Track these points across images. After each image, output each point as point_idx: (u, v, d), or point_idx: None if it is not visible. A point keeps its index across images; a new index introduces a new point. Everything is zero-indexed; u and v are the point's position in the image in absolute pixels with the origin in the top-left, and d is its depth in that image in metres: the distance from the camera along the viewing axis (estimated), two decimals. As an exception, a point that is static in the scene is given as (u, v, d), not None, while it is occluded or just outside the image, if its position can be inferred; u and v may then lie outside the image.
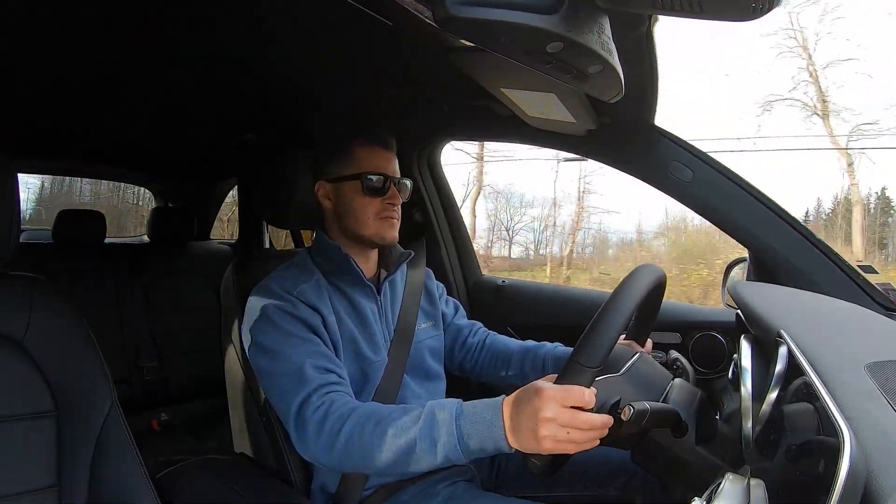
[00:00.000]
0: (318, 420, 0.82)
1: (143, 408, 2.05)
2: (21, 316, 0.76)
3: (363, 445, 0.78)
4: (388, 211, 1.02)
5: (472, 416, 0.74)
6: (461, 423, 0.74)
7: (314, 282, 0.99)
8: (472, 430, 0.73)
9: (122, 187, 8.10)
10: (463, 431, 0.73)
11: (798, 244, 1.10)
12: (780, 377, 0.66)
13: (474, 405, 0.75)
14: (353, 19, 0.82)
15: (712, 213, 1.15)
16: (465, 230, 1.73)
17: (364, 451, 0.78)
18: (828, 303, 0.94)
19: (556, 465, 0.76)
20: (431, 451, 0.74)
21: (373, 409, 0.82)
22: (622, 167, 1.26)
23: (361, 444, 0.78)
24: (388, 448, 0.76)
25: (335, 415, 0.82)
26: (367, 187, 1.00)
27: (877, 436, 0.48)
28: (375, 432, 0.77)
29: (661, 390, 0.80)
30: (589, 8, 0.52)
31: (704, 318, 1.35)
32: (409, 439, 0.75)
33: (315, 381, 0.86)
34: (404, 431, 0.76)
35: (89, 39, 1.00)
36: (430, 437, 0.74)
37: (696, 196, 1.15)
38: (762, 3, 0.46)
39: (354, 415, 0.81)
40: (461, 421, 0.74)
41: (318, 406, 0.84)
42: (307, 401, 0.84)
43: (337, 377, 0.90)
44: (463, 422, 0.74)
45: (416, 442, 0.75)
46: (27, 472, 0.73)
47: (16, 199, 0.75)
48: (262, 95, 1.39)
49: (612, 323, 0.73)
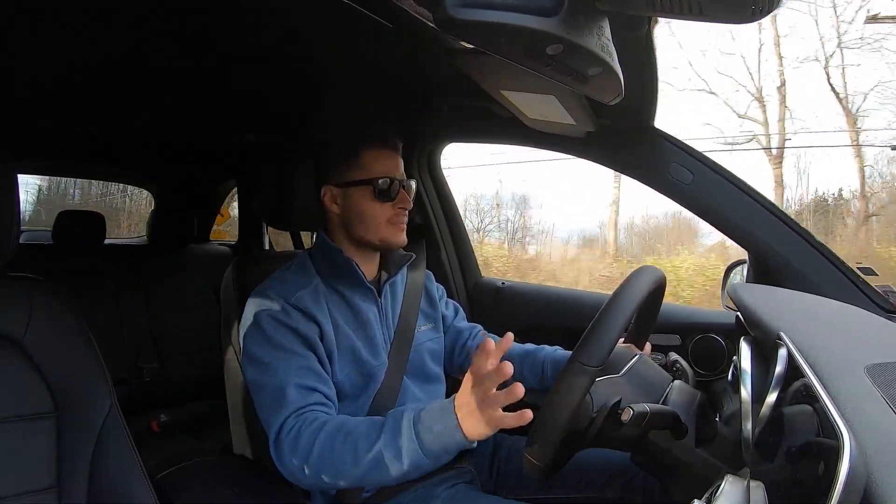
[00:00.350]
0: (292, 440, 0.83)
1: (142, 408, 2.05)
2: (21, 317, 0.76)
3: (334, 460, 0.79)
4: (399, 216, 1.02)
5: (428, 420, 0.76)
6: (419, 428, 0.76)
7: (313, 287, 0.99)
8: (431, 432, 0.75)
9: (109, 191, 8.19)
10: (422, 437, 0.75)
11: (798, 246, 1.10)
12: (780, 379, 0.66)
13: (430, 409, 0.78)
14: (354, 21, 0.82)
15: (712, 215, 1.15)
16: (464, 232, 1.73)
17: (336, 466, 0.79)
18: (827, 305, 0.94)
19: (556, 467, 0.76)
20: (398, 460, 0.76)
21: (341, 423, 0.83)
22: (622, 169, 1.26)
23: (332, 459, 0.80)
24: (359, 461, 0.78)
25: (307, 432, 0.83)
26: (378, 192, 0.99)
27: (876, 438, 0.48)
28: (345, 446, 0.79)
29: (660, 392, 0.80)
30: (589, 10, 0.53)
31: (704, 320, 1.35)
32: (377, 450, 0.77)
33: (295, 403, 0.87)
34: (370, 443, 0.78)
35: (89, 39, 1.00)
36: (394, 445, 0.76)
37: (696, 198, 1.15)
38: (761, 5, 0.46)
39: (324, 431, 0.82)
40: (419, 427, 0.76)
41: (291, 427, 0.85)
42: (284, 424, 0.85)
43: (321, 396, 0.90)
44: (421, 427, 0.76)
45: (383, 452, 0.77)
46: (27, 472, 0.73)
47: (16, 199, 0.75)
48: (262, 96, 1.39)
49: (613, 323, 0.73)
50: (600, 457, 1.05)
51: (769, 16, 0.49)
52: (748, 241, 1.13)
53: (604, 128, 1.18)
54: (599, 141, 1.23)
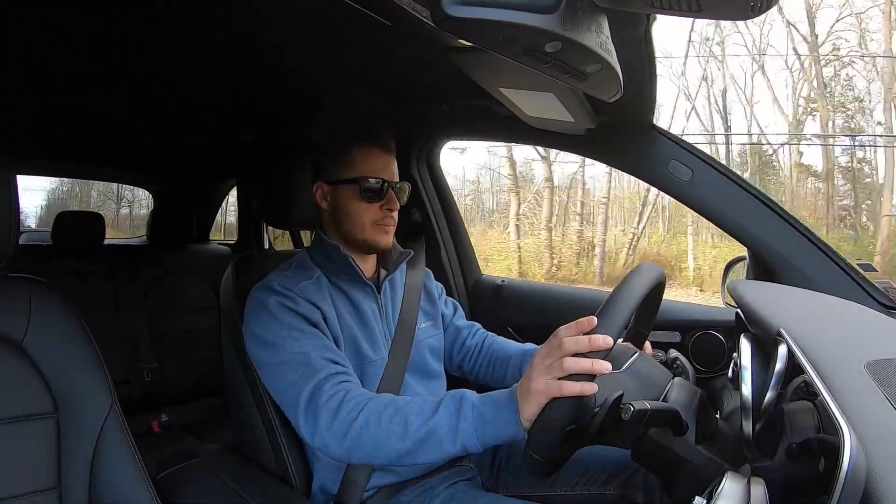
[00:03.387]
0: (333, 407, 0.82)
1: (142, 409, 2.05)
2: (20, 318, 0.76)
3: (379, 433, 0.78)
4: (386, 218, 1.02)
5: (491, 403, 0.76)
6: (483, 409, 0.75)
7: (315, 280, 0.99)
8: (492, 416, 0.74)
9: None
10: (485, 418, 0.75)
11: (797, 242, 1.10)
12: (780, 376, 0.66)
13: (490, 395, 0.77)
14: (352, 19, 0.82)
15: (712, 212, 1.15)
16: (464, 230, 1.73)
17: (378, 439, 0.78)
18: (827, 301, 0.94)
19: (557, 465, 0.76)
20: (450, 438, 0.75)
21: (390, 399, 0.83)
22: (621, 166, 1.26)
23: (377, 432, 0.79)
24: (406, 435, 0.77)
25: (352, 402, 0.82)
26: (365, 191, 0.99)
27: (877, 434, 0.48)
28: (395, 419, 0.78)
29: (661, 389, 0.80)
30: (587, 7, 0.52)
31: (704, 317, 1.35)
32: (430, 426, 0.76)
33: (325, 369, 0.86)
34: (425, 418, 0.77)
35: (89, 39, 1.00)
36: (450, 423, 0.76)
37: (696, 195, 1.15)
38: (760, 1, 0.46)
39: (372, 403, 0.81)
40: (483, 408, 0.75)
41: (332, 394, 0.84)
42: (319, 389, 0.84)
43: (341, 367, 0.90)
44: (485, 409, 0.75)
45: (436, 428, 0.76)
46: (27, 473, 0.73)
47: (15, 200, 0.75)
48: (261, 96, 1.39)
49: (613, 319, 0.73)
50: (601, 454, 1.05)
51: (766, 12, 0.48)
52: (748, 237, 1.13)
53: (603, 125, 1.18)
54: (599, 138, 1.23)
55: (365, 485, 0.98)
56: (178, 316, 2.21)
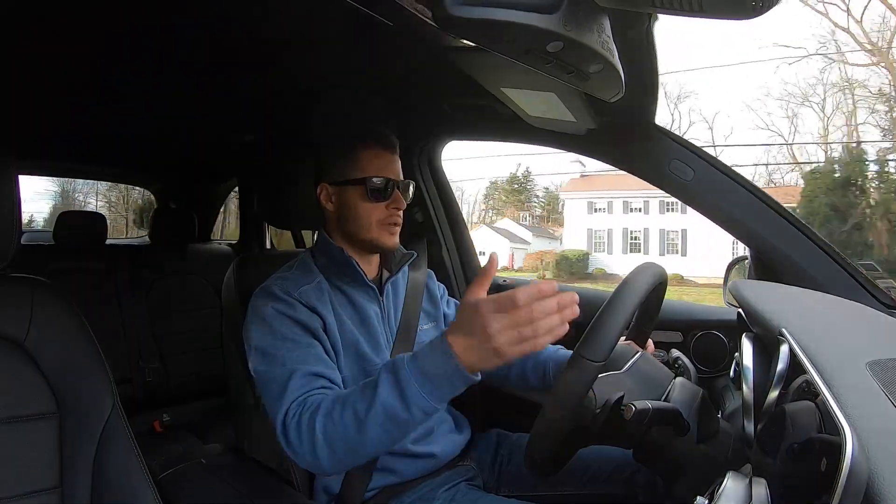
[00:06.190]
0: (295, 426, 0.81)
1: (144, 408, 2.06)
2: (22, 317, 0.76)
3: (338, 433, 0.76)
4: (392, 218, 1.01)
5: (423, 360, 0.72)
6: (418, 367, 0.72)
7: (316, 283, 0.99)
8: (431, 370, 0.71)
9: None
10: (424, 376, 0.71)
11: (799, 242, 1.10)
12: (782, 375, 0.66)
13: (421, 351, 0.74)
14: (353, 19, 0.82)
15: (713, 212, 1.15)
16: (466, 230, 1.72)
17: (343, 438, 0.76)
18: (829, 301, 0.94)
19: (559, 464, 0.76)
20: (402, 407, 0.72)
21: (335, 394, 0.82)
22: (623, 166, 1.26)
23: (336, 433, 0.77)
24: (362, 424, 0.74)
25: (307, 413, 0.81)
26: (371, 191, 0.99)
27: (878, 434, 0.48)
28: (345, 413, 0.76)
29: (662, 389, 0.80)
30: (589, 7, 0.52)
31: (706, 316, 1.35)
32: (377, 406, 0.73)
33: (298, 390, 0.85)
34: (369, 400, 0.74)
35: (89, 39, 1.00)
36: (394, 393, 0.73)
37: (697, 194, 1.15)
38: (762, 2, 0.46)
39: (323, 405, 0.80)
40: (416, 365, 0.72)
41: (294, 414, 0.83)
42: (288, 412, 0.84)
43: (326, 381, 0.88)
44: (424, 363, 0.72)
45: (385, 405, 0.73)
46: (29, 473, 0.73)
47: (16, 199, 0.75)
48: (262, 96, 1.39)
49: (615, 319, 0.73)
50: (603, 454, 1.05)
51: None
52: (750, 237, 1.13)
53: (605, 125, 1.18)
54: (600, 138, 1.22)
55: (367, 485, 0.98)
56: (179, 315, 2.22)
